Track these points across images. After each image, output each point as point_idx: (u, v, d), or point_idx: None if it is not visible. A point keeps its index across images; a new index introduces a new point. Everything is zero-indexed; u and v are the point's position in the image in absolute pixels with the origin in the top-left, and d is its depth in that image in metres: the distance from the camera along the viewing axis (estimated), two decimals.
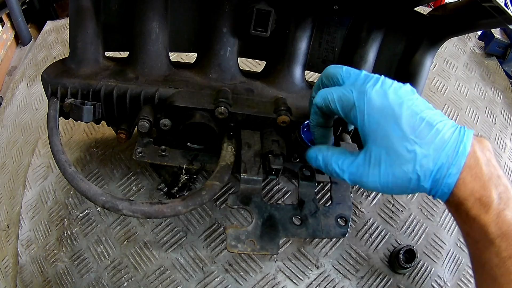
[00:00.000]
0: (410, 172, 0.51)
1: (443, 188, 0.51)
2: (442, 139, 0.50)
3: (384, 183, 0.53)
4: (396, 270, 0.85)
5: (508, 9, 0.59)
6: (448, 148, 0.50)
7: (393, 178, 0.52)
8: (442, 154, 0.50)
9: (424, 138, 0.51)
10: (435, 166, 0.51)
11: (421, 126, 0.51)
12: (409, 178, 0.52)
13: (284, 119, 0.74)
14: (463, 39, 1.45)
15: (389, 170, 0.52)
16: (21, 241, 0.93)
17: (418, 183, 0.52)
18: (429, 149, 0.50)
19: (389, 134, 0.52)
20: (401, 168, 0.52)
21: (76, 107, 0.75)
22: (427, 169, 0.51)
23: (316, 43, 0.85)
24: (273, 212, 0.66)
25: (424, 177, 0.51)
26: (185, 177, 0.78)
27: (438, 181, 0.51)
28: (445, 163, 0.50)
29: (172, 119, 0.74)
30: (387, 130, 0.52)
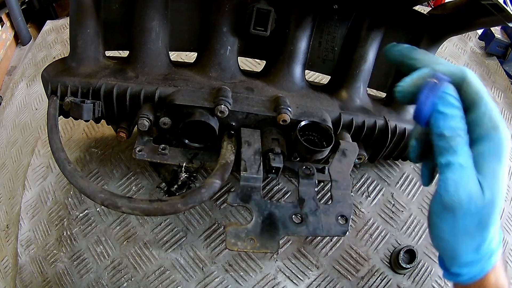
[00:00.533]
0: (484, 236, 0.50)
1: (477, 273, 0.52)
2: (499, 227, 0.52)
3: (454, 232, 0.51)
4: (396, 270, 0.85)
5: (507, 7, 0.59)
6: (497, 238, 0.52)
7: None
8: (494, 239, 0.51)
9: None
10: (486, 248, 0.51)
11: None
12: (474, 240, 0.50)
13: (284, 117, 0.73)
14: (464, 38, 1.46)
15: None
16: (20, 241, 0.93)
17: (474, 251, 0.51)
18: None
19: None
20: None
21: (76, 105, 0.75)
22: (485, 247, 0.51)
23: (316, 42, 0.85)
24: (273, 210, 0.66)
25: (481, 248, 0.51)
26: (185, 175, 0.78)
27: (482, 260, 0.51)
28: (493, 248, 0.51)
29: (172, 117, 0.74)
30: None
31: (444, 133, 0.48)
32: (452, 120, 0.48)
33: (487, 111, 0.48)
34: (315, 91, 0.86)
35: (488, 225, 0.49)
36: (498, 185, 0.48)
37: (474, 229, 0.49)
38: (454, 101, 0.49)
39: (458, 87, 0.50)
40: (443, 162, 0.49)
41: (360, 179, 0.97)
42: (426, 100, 0.49)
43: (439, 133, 0.49)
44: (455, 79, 0.50)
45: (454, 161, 0.47)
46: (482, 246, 0.50)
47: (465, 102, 0.50)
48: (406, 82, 0.52)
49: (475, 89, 0.49)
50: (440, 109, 0.48)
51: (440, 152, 0.49)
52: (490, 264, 0.51)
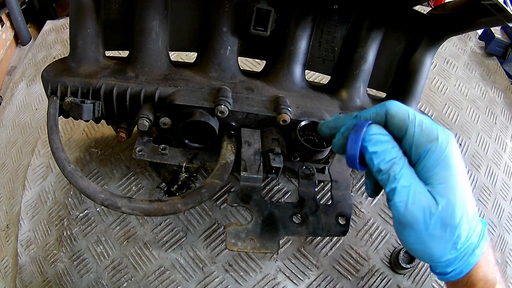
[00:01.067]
0: (455, 233, 0.51)
1: (463, 267, 0.53)
2: (477, 223, 0.54)
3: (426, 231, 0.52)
4: (396, 270, 0.85)
5: (507, 7, 0.59)
6: (478, 231, 0.53)
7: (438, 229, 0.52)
8: (473, 234, 0.52)
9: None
10: (466, 242, 0.52)
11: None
12: (448, 240, 0.52)
13: (284, 117, 0.73)
14: (464, 38, 1.46)
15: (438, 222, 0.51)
16: (20, 241, 0.93)
17: (451, 248, 0.52)
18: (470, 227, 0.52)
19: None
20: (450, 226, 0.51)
21: (76, 105, 0.75)
22: (463, 242, 0.52)
23: (316, 43, 0.85)
24: (273, 210, 0.66)
25: (458, 244, 0.52)
26: (185, 175, 0.78)
27: (463, 257, 0.52)
28: (474, 242, 0.53)
29: (172, 117, 0.74)
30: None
31: (380, 168, 0.51)
32: (384, 154, 0.51)
33: (416, 130, 0.51)
34: (315, 91, 0.86)
35: (455, 225, 0.50)
36: (450, 189, 0.50)
37: (441, 232, 0.51)
38: (381, 137, 0.52)
39: (385, 122, 0.53)
40: (388, 191, 0.52)
41: (360, 179, 0.97)
42: (352, 148, 0.53)
43: (377, 170, 0.52)
44: (378, 117, 0.54)
45: (397, 185, 0.50)
46: (459, 242, 0.51)
47: (395, 132, 0.53)
48: (324, 127, 0.61)
49: (399, 116, 0.52)
50: (370, 150, 0.52)
51: (384, 184, 0.52)
52: (474, 257, 0.53)
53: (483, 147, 1.13)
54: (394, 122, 0.52)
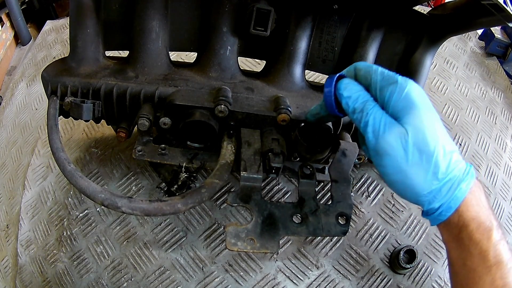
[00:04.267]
0: (433, 162, 0.53)
1: (451, 201, 0.53)
2: (459, 160, 0.55)
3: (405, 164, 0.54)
4: (396, 270, 0.85)
5: (507, 7, 0.59)
6: (461, 167, 0.55)
7: (416, 161, 0.53)
8: (455, 168, 0.54)
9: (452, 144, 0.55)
10: (448, 173, 0.53)
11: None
12: (427, 169, 0.53)
13: (284, 117, 0.73)
14: (464, 38, 1.45)
15: (415, 153, 0.53)
16: (20, 241, 0.93)
17: (432, 177, 0.53)
18: (449, 159, 0.54)
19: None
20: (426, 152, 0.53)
21: (76, 105, 0.75)
22: (443, 172, 0.53)
23: (316, 43, 0.85)
24: (273, 210, 0.66)
25: (438, 174, 0.53)
26: (185, 175, 0.78)
27: (449, 189, 0.53)
28: (457, 175, 0.53)
29: (172, 117, 0.74)
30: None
31: (355, 108, 0.57)
32: (357, 97, 0.57)
33: (379, 76, 0.56)
34: (315, 91, 0.86)
35: (430, 151, 0.52)
36: (415, 117, 0.53)
37: (417, 159, 0.53)
38: (352, 84, 0.59)
39: (355, 77, 0.60)
40: (362, 125, 0.56)
41: (360, 179, 0.97)
42: (329, 94, 0.60)
43: (352, 111, 0.58)
44: (348, 73, 0.61)
45: (369, 118, 0.55)
46: (438, 172, 0.53)
47: (363, 83, 0.59)
48: (309, 116, 0.70)
49: (364, 69, 0.59)
50: (344, 95, 0.58)
51: (359, 122, 0.57)
52: (460, 191, 0.53)
53: (483, 147, 1.13)
54: (361, 74, 0.59)
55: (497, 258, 0.52)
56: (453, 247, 0.57)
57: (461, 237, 0.54)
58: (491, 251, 0.52)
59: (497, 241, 0.53)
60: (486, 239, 0.53)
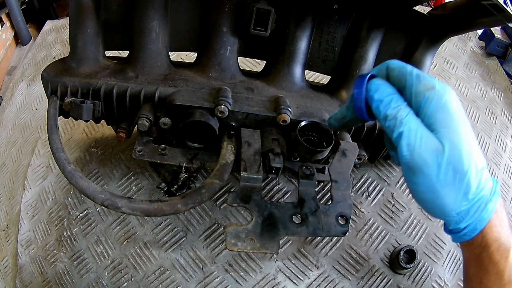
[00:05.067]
0: (465, 182, 0.51)
1: (477, 222, 0.53)
2: (488, 178, 0.53)
3: (438, 182, 0.51)
4: (396, 270, 0.85)
5: (507, 7, 0.59)
6: (489, 186, 0.53)
7: (449, 175, 0.51)
8: (484, 187, 0.52)
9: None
10: (477, 194, 0.52)
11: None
12: (458, 189, 0.51)
13: (284, 117, 0.73)
14: (464, 38, 1.45)
15: (450, 169, 0.50)
16: (20, 241, 0.93)
17: (463, 198, 0.52)
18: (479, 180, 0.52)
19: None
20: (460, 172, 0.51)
21: (75, 105, 0.75)
22: (473, 192, 0.51)
23: (316, 43, 0.85)
24: (273, 210, 0.66)
25: (469, 194, 0.51)
26: (185, 175, 0.78)
27: (476, 210, 0.52)
28: (486, 195, 0.52)
29: (172, 117, 0.74)
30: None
31: (387, 114, 0.52)
32: (389, 101, 0.52)
33: (414, 80, 0.52)
34: (315, 91, 0.86)
35: (464, 170, 0.50)
36: (453, 132, 0.50)
37: (450, 178, 0.50)
38: (384, 85, 0.54)
39: (386, 76, 0.55)
40: (395, 136, 0.52)
41: (360, 179, 0.97)
42: (359, 96, 0.55)
43: (384, 117, 0.53)
44: (379, 72, 0.56)
45: (404, 128, 0.51)
46: (469, 192, 0.51)
47: (396, 85, 0.54)
48: (333, 121, 0.64)
49: (398, 69, 0.54)
50: (375, 98, 0.53)
51: (391, 131, 0.52)
52: (487, 212, 0.52)
53: (483, 147, 1.13)
54: (394, 75, 0.54)
55: (511, 277, 0.53)
56: (473, 265, 0.57)
57: (481, 257, 0.54)
58: (506, 271, 0.53)
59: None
60: (504, 259, 0.53)
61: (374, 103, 0.53)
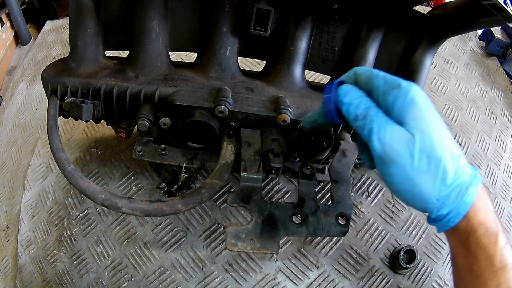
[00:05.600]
0: (441, 168, 0.51)
1: (459, 207, 0.52)
2: (466, 164, 0.54)
3: (413, 172, 0.52)
4: (396, 270, 0.85)
5: (507, 7, 0.59)
6: (468, 172, 0.53)
7: (425, 167, 0.51)
8: (463, 172, 0.52)
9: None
10: (456, 179, 0.52)
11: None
12: (435, 175, 0.51)
13: (284, 117, 0.73)
14: (464, 38, 1.45)
15: (423, 158, 0.51)
16: (20, 241, 0.93)
17: (441, 184, 0.52)
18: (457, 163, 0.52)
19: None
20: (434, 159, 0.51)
21: (76, 105, 0.75)
22: (451, 178, 0.52)
23: (316, 43, 0.85)
24: (273, 211, 0.66)
25: (447, 180, 0.51)
26: (185, 175, 0.78)
27: (457, 195, 0.52)
28: (465, 180, 0.52)
29: (172, 117, 0.74)
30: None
31: (357, 114, 0.54)
32: (358, 103, 0.54)
33: (380, 81, 0.54)
34: (315, 91, 0.85)
35: (437, 157, 0.51)
36: (421, 122, 0.51)
37: (425, 166, 0.51)
38: (353, 90, 0.56)
39: (355, 82, 0.57)
40: (366, 133, 0.53)
41: (360, 179, 0.97)
42: (329, 101, 0.57)
43: (354, 118, 0.54)
44: (348, 78, 0.58)
45: (373, 125, 0.52)
46: (447, 177, 0.51)
47: (364, 88, 0.56)
48: (305, 123, 0.66)
49: (365, 73, 0.56)
50: (345, 101, 0.55)
51: (362, 130, 0.54)
52: (469, 196, 0.52)
53: (483, 147, 1.13)
54: (362, 79, 0.56)
55: (503, 262, 0.52)
56: (460, 252, 0.56)
57: (468, 243, 0.54)
58: (497, 256, 0.52)
59: (503, 245, 0.52)
60: (493, 244, 0.52)
61: (344, 106, 0.55)
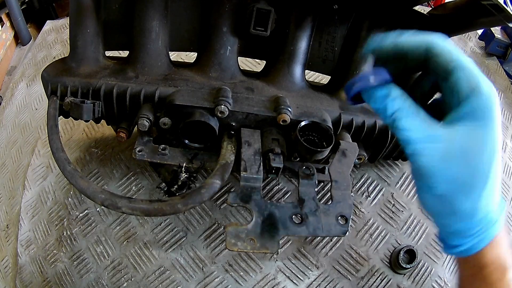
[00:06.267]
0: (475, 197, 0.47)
1: (481, 238, 0.49)
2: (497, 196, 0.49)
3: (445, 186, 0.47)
4: (396, 270, 0.85)
5: (507, 7, 0.59)
6: (497, 203, 0.49)
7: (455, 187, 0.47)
8: (494, 203, 0.48)
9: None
10: (488, 208, 0.48)
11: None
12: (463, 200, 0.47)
13: (284, 117, 0.73)
14: (464, 38, 1.45)
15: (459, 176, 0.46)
16: (20, 241, 0.93)
17: (470, 210, 0.48)
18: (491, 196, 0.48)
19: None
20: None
21: (76, 105, 0.75)
22: (483, 207, 0.48)
23: (316, 43, 0.85)
24: (273, 210, 0.66)
25: (477, 210, 0.47)
26: (185, 175, 0.78)
27: (483, 227, 0.48)
28: (495, 211, 0.48)
29: (172, 117, 0.74)
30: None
31: (414, 139, 0.47)
32: (418, 127, 0.47)
33: (460, 77, 0.46)
34: (315, 91, 0.85)
35: (484, 177, 0.46)
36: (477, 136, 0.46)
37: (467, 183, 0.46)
38: (411, 111, 0.48)
39: (424, 58, 0.48)
40: (408, 152, 0.48)
41: (360, 179, 0.97)
42: (351, 88, 0.51)
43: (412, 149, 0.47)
44: (417, 53, 0.48)
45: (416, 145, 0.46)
46: (483, 203, 0.47)
47: (436, 72, 0.48)
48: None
49: (444, 59, 0.46)
50: (373, 106, 0.51)
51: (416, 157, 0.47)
52: (493, 232, 0.49)
53: None
54: (438, 62, 0.47)
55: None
56: (467, 281, 0.55)
57: (478, 277, 0.52)
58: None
59: (509, 280, 0.51)
60: (499, 280, 0.50)
61: (399, 132, 0.48)
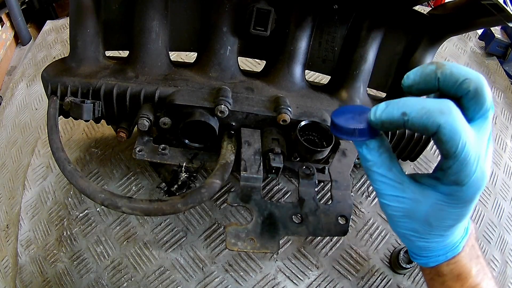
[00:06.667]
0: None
1: (436, 260, 0.55)
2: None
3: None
4: (396, 270, 0.85)
5: (507, 7, 0.59)
6: (462, 229, 0.55)
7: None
8: (457, 233, 0.54)
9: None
10: (447, 240, 0.54)
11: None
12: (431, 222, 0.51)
13: (284, 117, 0.73)
14: (464, 38, 1.46)
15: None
16: (20, 241, 0.93)
17: (427, 247, 0.54)
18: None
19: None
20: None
21: (76, 105, 0.75)
22: (441, 241, 0.53)
23: (316, 43, 0.85)
24: (273, 210, 0.66)
25: (433, 246, 0.54)
26: (185, 175, 0.78)
27: (440, 251, 0.54)
28: (458, 237, 0.54)
29: (172, 117, 0.74)
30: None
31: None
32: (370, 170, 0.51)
33: (454, 167, 0.45)
34: (315, 91, 0.86)
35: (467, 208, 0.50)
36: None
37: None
38: (361, 145, 0.50)
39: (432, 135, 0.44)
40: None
41: (360, 179, 0.97)
42: (338, 127, 0.49)
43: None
44: (425, 133, 0.44)
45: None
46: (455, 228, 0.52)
47: (439, 148, 0.45)
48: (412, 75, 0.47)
49: (450, 146, 0.43)
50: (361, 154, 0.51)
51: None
52: (456, 250, 0.54)
53: None
54: (441, 147, 0.44)
55: None
56: (430, 284, 0.59)
57: (434, 280, 0.57)
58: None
59: (474, 286, 0.55)
60: (459, 286, 0.55)
61: (370, 180, 0.53)
